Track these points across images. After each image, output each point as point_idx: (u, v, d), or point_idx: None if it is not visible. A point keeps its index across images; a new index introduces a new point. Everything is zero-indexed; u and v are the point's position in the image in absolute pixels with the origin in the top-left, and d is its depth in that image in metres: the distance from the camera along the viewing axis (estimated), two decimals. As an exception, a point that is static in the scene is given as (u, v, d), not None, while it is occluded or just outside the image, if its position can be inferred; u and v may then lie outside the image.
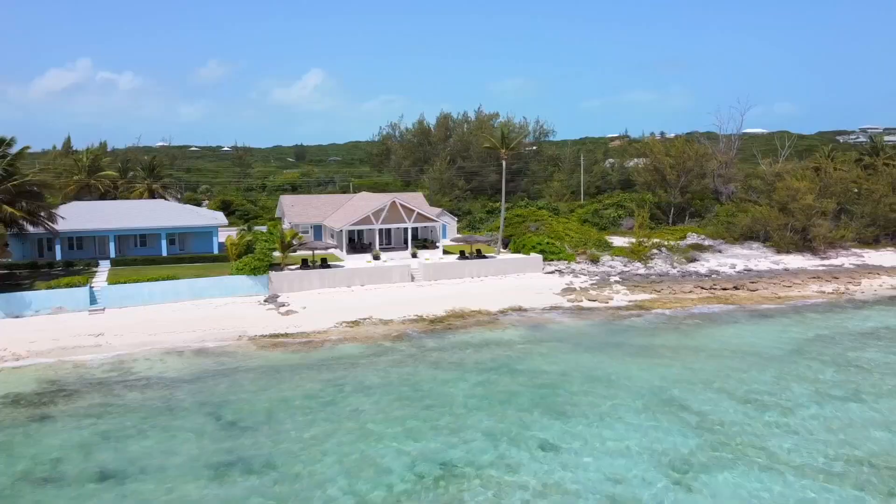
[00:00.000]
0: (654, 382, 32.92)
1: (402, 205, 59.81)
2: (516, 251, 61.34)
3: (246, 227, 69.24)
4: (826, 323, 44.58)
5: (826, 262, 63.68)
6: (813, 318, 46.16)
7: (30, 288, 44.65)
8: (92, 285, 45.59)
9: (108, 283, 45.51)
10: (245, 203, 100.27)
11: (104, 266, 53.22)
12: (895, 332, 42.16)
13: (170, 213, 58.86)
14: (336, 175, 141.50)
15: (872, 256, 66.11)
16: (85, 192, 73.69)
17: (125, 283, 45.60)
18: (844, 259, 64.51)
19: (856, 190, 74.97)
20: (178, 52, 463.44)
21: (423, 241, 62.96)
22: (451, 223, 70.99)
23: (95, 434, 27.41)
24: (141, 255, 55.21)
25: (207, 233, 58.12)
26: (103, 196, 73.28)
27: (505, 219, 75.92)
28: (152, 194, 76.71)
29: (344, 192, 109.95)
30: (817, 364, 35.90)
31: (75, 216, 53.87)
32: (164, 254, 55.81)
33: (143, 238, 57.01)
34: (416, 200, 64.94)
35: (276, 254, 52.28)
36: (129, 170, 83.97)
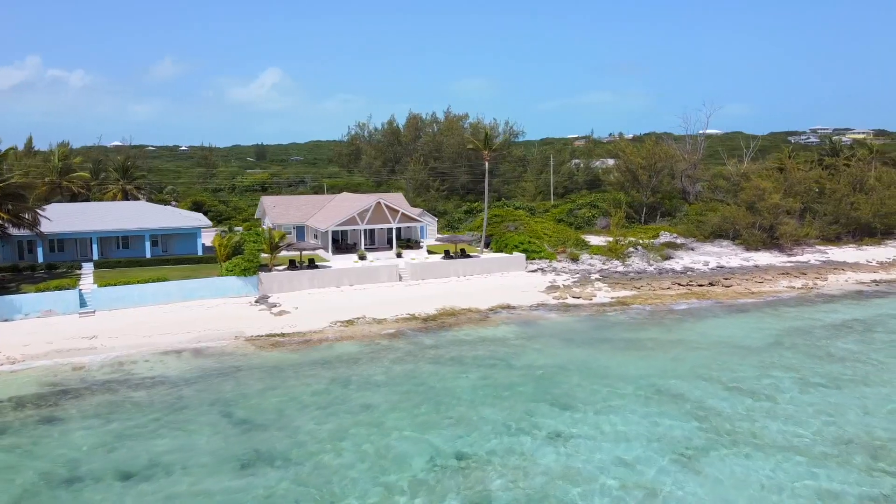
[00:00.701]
0: (647, 374, 34.45)
1: (386, 205, 60.56)
2: (498, 250, 62.62)
3: (227, 229, 69.12)
4: (799, 316, 46.91)
5: (793, 258, 66.60)
6: (786, 311, 48.48)
7: (15, 291, 44.13)
8: (80, 288, 45.24)
9: (98, 286, 45.22)
10: (217, 204, 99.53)
11: (87, 268, 52.69)
12: (864, 323, 44.65)
13: (153, 214, 58.47)
14: (306, 175, 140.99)
15: (836, 253, 69.31)
16: (55, 194, 72.40)
17: (115, 285, 45.37)
18: (810, 256, 67.53)
19: (817, 189, 78.32)
20: (131, 49, 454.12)
21: (407, 241, 63.78)
22: (432, 223, 71.91)
23: (110, 434, 27.63)
24: (124, 257, 54.74)
25: (191, 234, 57.94)
26: (74, 198, 72.13)
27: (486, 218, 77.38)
28: (126, 195, 75.82)
29: (316, 193, 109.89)
30: (795, 354, 37.96)
31: (56, 218, 53.18)
32: (148, 255, 55.49)
33: (126, 240, 56.54)
34: (397, 201, 65.71)
35: (264, 255, 52.48)
36: (101, 171, 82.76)
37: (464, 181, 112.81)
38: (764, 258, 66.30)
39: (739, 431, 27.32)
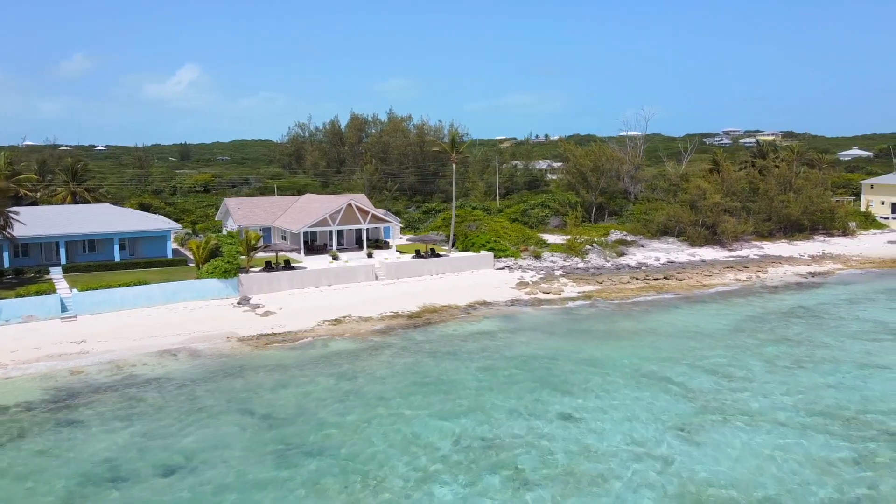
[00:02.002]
0: (630, 361, 37.33)
1: (357, 206, 61.71)
2: (464, 249, 64.77)
3: (191, 231, 68.53)
4: (750, 306, 51.17)
5: (734, 253, 71.72)
6: (737, 301, 52.74)
7: (-12, 297, 43.03)
8: (58, 292, 44.53)
9: (79, 290, 44.63)
10: (163, 206, 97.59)
11: (56, 273, 51.56)
12: (809, 310, 49.23)
13: (120, 217, 57.57)
14: (250, 176, 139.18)
15: (771, 248, 74.99)
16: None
17: (96, 289, 44.90)
18: (748, 251, 72.87)
19: (749, 189, 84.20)
20: (38, 44, 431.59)
21: (375, 242, 65.07)
22: (395, 224, 73.33)
23: (136, 434, 28.13)
24: (93, 261, 53.74)
25: (161, 237, 57.40)
26: (19, 201, 69.68)
27: (445, 219, 79.43)
28: (75, 198, 73.77)
29: (263, 194, 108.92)
30: (755, 339, 41.78)
31: (21, 222, 51.71)
32: (117, 259, 54.68)
33: (92, 243, 55.49)
34: (363, 202, 66.85)
35: (241, 257, 52.73)
36: (47, 172, 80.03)
37: (411, 182, 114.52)
38: (708, 253, 71.12)
39: (726, 408, 30.41)
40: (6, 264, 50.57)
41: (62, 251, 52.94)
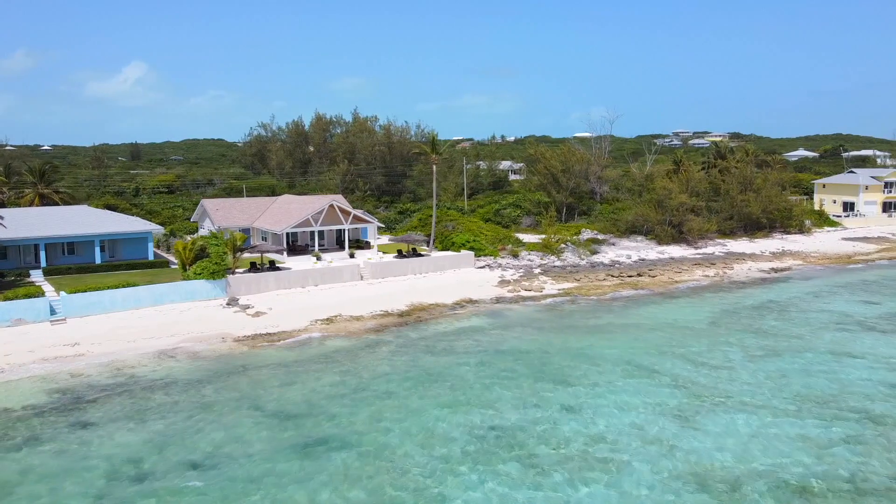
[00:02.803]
0: (619, 354, 39.12)
1: (339, 207, 62.29)
2: (444, 249, 65.95)
3: (168, 233, 67.98)
4: (722, 300, 53.73)
5: (700, 251, 74.72)
6: (709, 296, 55.29)
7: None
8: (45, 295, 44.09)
9: (67, 293, 44.23)
10: (129, 207, 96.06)
11: (36, 276, 50.89)
12: (778, 304, 52.00)
13: (100, 219, 56.95)
14: (214, 176, 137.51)
15: (733, 245, 78.30)
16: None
17: (85, 291, 44.59)
18: (713, 248, 76.01)
19: (711, 189, 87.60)
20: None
21: (356, 242, 65.71)
22: (375, 224, 73.96)
23: (153, 433, 28.50)
24: (74, 264, 53.13)
25: (142, 239, 57.02)
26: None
27: (421, 219, 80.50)
28: (43, 200, 72.31)
29: (230, 195, 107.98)
30: (732, 332, 44.12)
31: (3, 224, 50.78)
32: (98, 261, 54.14)
33: (72, 246, 54.78)
34: (342, 202, 67.37)
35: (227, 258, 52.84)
36: (13, 174, 78.15)
37: (378, 182, 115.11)
38: (676, 251, 73.94)
39: (715, 395, 32.38)
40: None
41: (42, 254, 52.19)
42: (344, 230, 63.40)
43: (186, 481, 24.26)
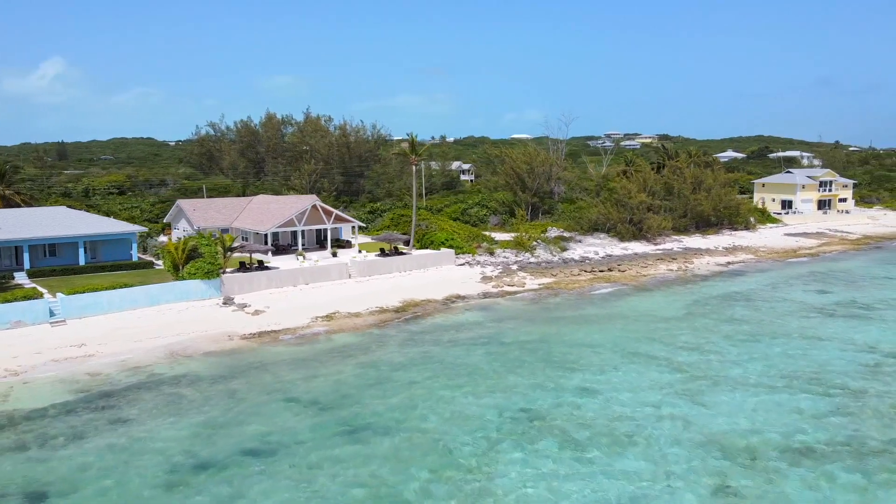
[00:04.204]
0: (612, 341, 41.93)
1: (321, 207, 63.23)
2: (423, 247, 67.71)
3: (147, 233, 67.19)
4: (691, 292, 57.55)
5: (659, 247, 79.02)
6: (679, 289, 59.07)
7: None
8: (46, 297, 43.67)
9: (65, 294, 43.89)
10: (83, 207, 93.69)
11: (21, 278, 49.98)
12: (742, 294, 56.13)
13: (82, 220, 56.15)
14: (166, 177, 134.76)
15: (689, 241, 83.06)
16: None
17: (83, 292, 44.34)
18: (671, 245, 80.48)
19: (663, 189, 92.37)
20: None
21: (337, 241, 66.70)
22: (356, 224, 74.92)
23: (196, 426, 29.34)
24: (58, 266, 52.35)
25: (125, 240, 56.54)
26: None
27: (392, 218, 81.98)
28: (6, 201, 70.22)
29: (185, 195, 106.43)
30: (709, 320, 47.67)
31: None
32: (82, 263, 53.47)
33: (53, 248, 53.87)
34: (320, 202, 68.18)
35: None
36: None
37: (336, 182, 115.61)
38: (638, 247, 77.97)
39: (711, 376, 35.48)
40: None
41: (26, 255, 51.26)
42: (326, 230, 64.35)
43: (247, 469, 25.38)
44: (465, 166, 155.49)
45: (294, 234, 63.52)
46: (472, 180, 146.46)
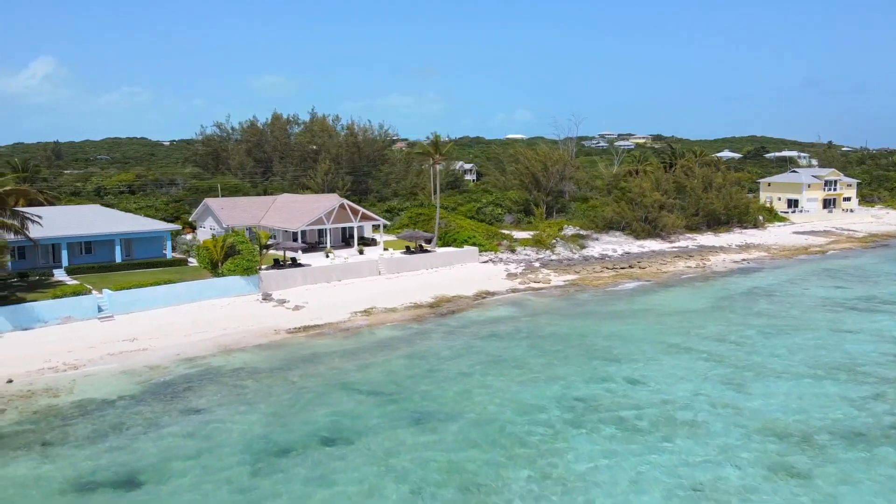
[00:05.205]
0: (648, 335, 43.21)
1: (348, 206, 64.31)
2: (445, 245, 68.86)
3: (181, 230, 68.09)
4: (713, 288, 58.96)
5: (674, 245, 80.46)
6: (700, 285, 60.48)
7: (14, 301, 42.36)
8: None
9: (112, 290, 44.83)
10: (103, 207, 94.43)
11: (60, 275, 50.84)
12: (764, 290, 57.59)
13: (117, 219, 57.11)
14: (176, 176, 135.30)
15: (702, 240, 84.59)
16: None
17: (130, 288, 45.30)
18: (686, 242, 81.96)
19: (674, 188, 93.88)
20: None
21: (362, 239, 67.75)
22: (382, 222, 75.92)
23: (267, 414, 30.42)
24: (96, 263, 53.21)
25: (158, 238, 57.47)
26: None
27: (410, 217, 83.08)
28: (29, 201, 70.86)
29: (196, 195, 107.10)
30: (736, 314, 49.04)
31: (40, 223, 50.22)
32: (119, 260, 54.36)
33: (89, 245, 54.73)
34: (345, 201, 69.22)
35: (252, 255, 54.13)
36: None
37: (346, 182, 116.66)
38: (654, 245, 79.37)
39: (752, 366, 36.78)
40: (8, 267, 49.26)
41: (64, 253, 52.10)
42: (353, 228, 65.40)
43: (328, 454, 26.47)
44: (467, 166, 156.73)
45: (321, 231, 64.57)
46: (474, 180, 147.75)
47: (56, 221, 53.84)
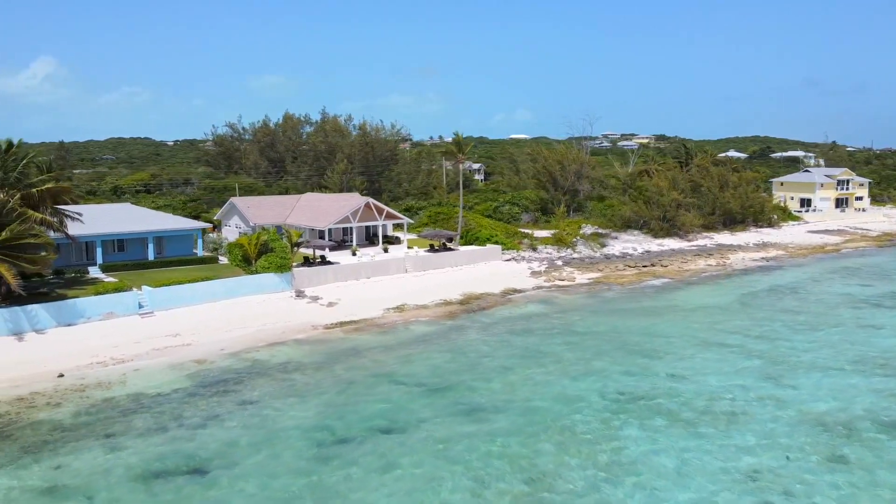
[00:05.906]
0: (680, 331, 43.93)
1: (374, 205, 65.12)
2: (467, 243, 69.61)
3: (212, 229, 68.94)
4: (736, 285, 59.62)
5: (693, 243, 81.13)
6: (724, 283, 61.15)
7: (57, 298, 43.18)
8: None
9: (152, 287, 45.64)
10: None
11: (95, 272, 51.66)
12: (787, 287, 58.26)
13: (149, 217, 57.93)
14: (190, 176, 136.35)
15: (719, 238, 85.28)
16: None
17: (167, 285, 46.09)
18: (704, 241, 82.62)
19: (690, 187, 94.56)
20: None
21: (386, 238, 68.53)
22: (406, 221, 76.60)
23: (320, 406, 31.20)
24: (130, 261, 54.03)
25: (189, 236, 58.31)
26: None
27: (429, 215, 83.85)
28: (55, 199, 71.69)
29: (212, 195, 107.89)
30: (763, 311, 49.72)
31: (81, 221, 51.00)
32: (151, 258, 55.17)
33: (122, 243, 55.56)
34: (370, 200, 70.01)
35: (283, 252, 54.89)
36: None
37: (357, 181, 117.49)
38: (673, 244, 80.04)
39: (787, 361, 37.48)
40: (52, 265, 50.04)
41: (99, 250, 52.94)
42: (377, 226, 66.21)
43: (385, 444, 27.22)
44: (476, 166, 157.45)
45: (346, 230, 65.36)
46: (482, 180, 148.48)
47: (90, 219, 54.61)
